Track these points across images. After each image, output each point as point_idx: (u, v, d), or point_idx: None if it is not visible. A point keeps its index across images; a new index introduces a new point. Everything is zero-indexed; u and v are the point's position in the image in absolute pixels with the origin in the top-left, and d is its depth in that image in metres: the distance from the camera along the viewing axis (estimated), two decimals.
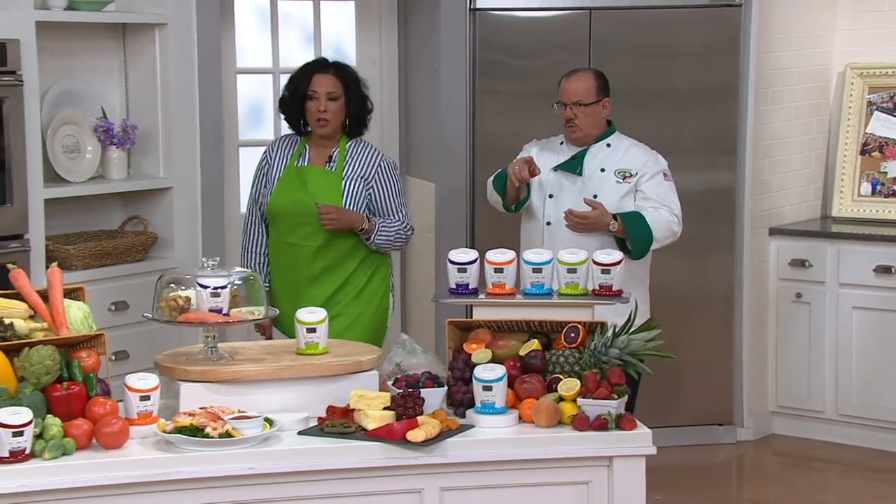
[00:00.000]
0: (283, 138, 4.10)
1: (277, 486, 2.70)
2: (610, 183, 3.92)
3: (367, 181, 3.95)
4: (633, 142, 4.04)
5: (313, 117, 3.95)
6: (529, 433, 2.85)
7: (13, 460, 2.53)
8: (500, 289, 3.19)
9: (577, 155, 3.98)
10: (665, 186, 3.94)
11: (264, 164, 4.06)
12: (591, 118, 3.95)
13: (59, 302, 2.84)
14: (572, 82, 3.98)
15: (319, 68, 4.00)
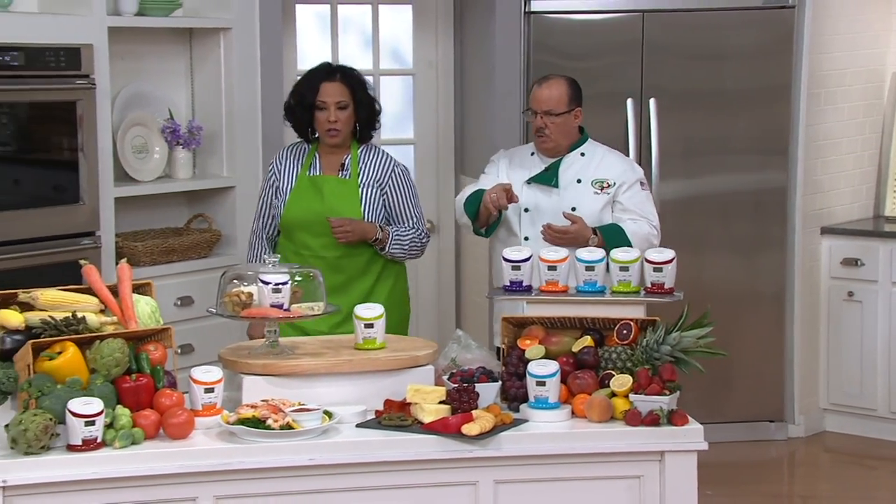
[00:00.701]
0: (290, 148, 3.89)
1: (336, 477, 2.71)
2: (588, 194, 3.72)
3: (382, 187, 3.78)
4: (607, 149, 3.85)
5: (323, 128, 3.75)
6: (582, 428, 2.84)
7: (85, 448, 2.57)
8: (553, 286, 3.19)
9: (551, 166, 3.76)
10: (642, 196, 3.76)
11: (271, 176, 3.84)
12: (561, 128, 3.72)
13: (128, 297, 2.88)
14: (544, 90, 3.73)
15: (326, 76, 3.79)
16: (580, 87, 3.79)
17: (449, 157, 5.30)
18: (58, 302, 2.82)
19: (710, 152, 5.11)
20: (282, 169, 3.83)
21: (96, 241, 4.08)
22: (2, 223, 3.84)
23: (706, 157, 5.11)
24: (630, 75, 4.99)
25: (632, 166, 3.84)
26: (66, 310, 2.80)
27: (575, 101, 3.75)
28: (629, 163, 3.87)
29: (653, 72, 5.00)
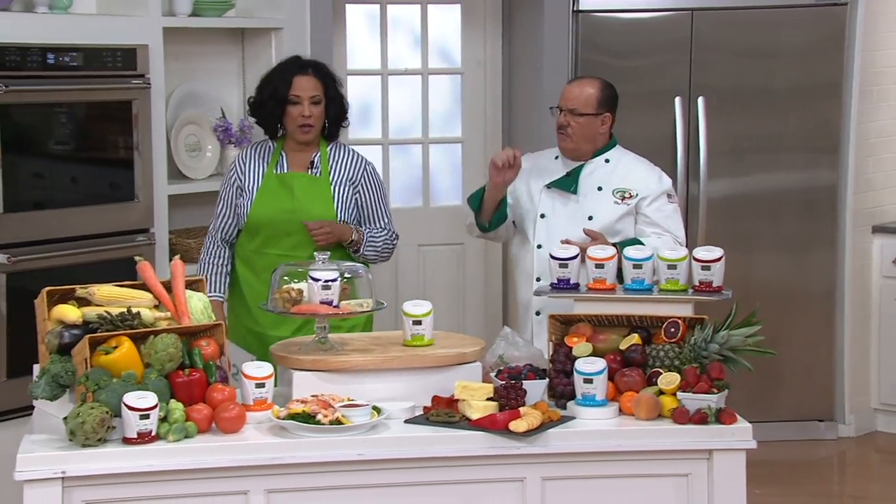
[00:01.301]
0: (253, 147, 3.73)
1: (384, 472, 2.72)
2: (607, 203, 3.54)
3: (355, 186, 3.66)
4: (636, 157, 3.66)
5: (296, 123, 3.60)
6: (630, 425, 2.83)
7: (140, 441, 2.60)
8: (600, 284, 3.18)
9: (573, 172, 3.59)
10: (669, 209, 3.56)
11: (233, 175, 3.67)
12: (584, 130, 3.55)
13: (182, 293, 2.91)
14: (574, 87, 3.61)
15: (299, 70, 3.65)
16: (615, 94, 3.62)
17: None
18: (113, 297, 2.85)
19: (759, 150, 5.06)
20: (245, 168, 3.67)
21: (150, 237, 4.13)
22: (60, 220, 3.90)
23: (755, 156, 5.06)
24: (678, 74, 4.96)
25: (659, 177, 3.63)
26: (121, 305, 2.83)
27: (605, 105, 3.57)
28: (657, 173, 3.65)
29: (701, 70, 4.97)
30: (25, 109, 3.85)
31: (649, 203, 3.56)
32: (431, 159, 5.27)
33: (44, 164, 3.98)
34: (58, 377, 2.67)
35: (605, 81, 3.65)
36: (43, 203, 3.93)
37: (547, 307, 3.43)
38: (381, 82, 5.14)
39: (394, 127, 5.20)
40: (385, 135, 5.19)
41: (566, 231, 3.49)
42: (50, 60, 3.86)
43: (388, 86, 5.16)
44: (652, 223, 3.55)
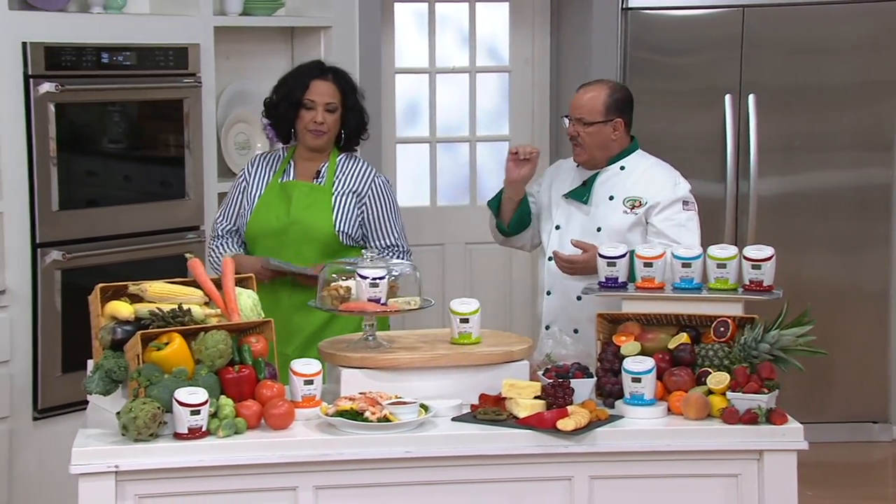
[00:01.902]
0: (263, 155, 3.62)
1: (432, 469, 2.73)
2: (617, 213, 3.38)
3: (360, 197, 3.48)
4: (655, 162, 3.48)
5: (307, 127, 3.46)
6: (678, 425, 2.81)
7: (191, 437, 2.63)
8: (649, 283, 3.15)
9: (588, 181, 3.44)
10: (681, 218, 3.36)
11: (241, 182, 3.56)
12: (595, 139, 3.38)
13: (231, 290, 2.94)
14: (580, 95, 3.42)
15: (318, 73, 3.50)
16: (628, 97, 3.46)
17: (544, 154, 5.27)
18: (165, 294, 2.88)
19: (811, 149, 4.99)
20: (252, 176, 3.55)
21: (200, 235, 4.18)
22: (113, 218, 3.96)
23: (807, 154, 5.00)
24: (729, 71, 4.91)
25: (674, 183, 3.42)
26: (172, 302, 2.86)
27: (615, 111, 3.40)
28: (672, 179, 3.43)
29: (752, 67, 4.92)
30: (80, 108, 3.91)
31: (658, 212, 3.38)
32: (479, 157, 5.27)
33: (97, 162, 4.04)
34: (111, 372, 2.70)
35: (616, 84, 3.51)
36: (96, 201, 4.00)
37: (557, 321, 3.40)
38: (428, 80, 5.16)
39: (441, 125, 5.21)
40: (433, 133, 5.21)
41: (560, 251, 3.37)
42: (104, 60, 3.92)
43: (435, 84, 5.17)
44: (658, 233, 3.35)
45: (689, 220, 3.40)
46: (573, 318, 3.41)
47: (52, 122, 3.81)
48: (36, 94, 3.76)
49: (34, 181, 3.80)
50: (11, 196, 3.76)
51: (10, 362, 3.77)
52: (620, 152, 3.46)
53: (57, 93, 3.79)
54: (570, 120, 3.43)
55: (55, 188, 3.84)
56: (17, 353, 3.79)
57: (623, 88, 3.50)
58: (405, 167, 5.19)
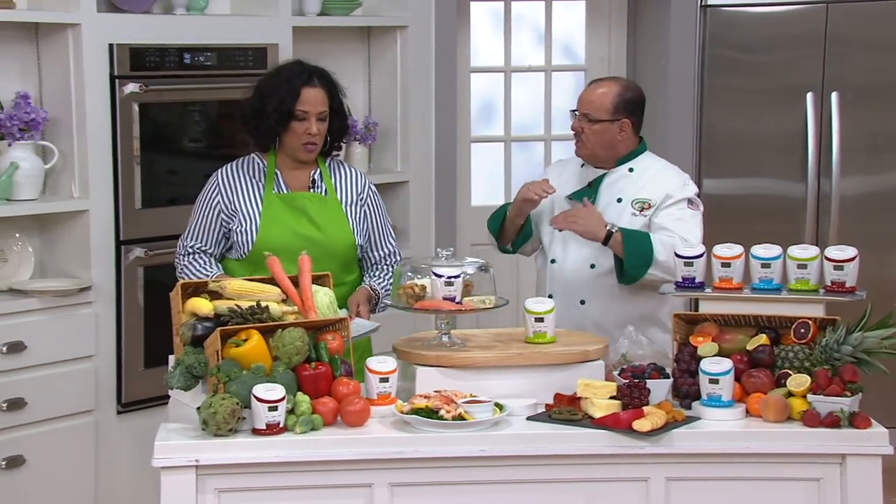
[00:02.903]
0: (237, 164, 3.32)
1: (506, 468, 2.72)
2: (625, 216, 3.30)
3: (362, 205, 3.34)
4: (665, 165, 3.40)
5: (300, 141, 3.22)
6: (757, 427, 2.77)
7: (269, 432, 2.66)
8: (727, 283, 3.11)
9: (594, 182, 3.35)
10: (685, 214, 3.28)
11: (215, 195, 3.27)
12: (599, 137, 3.30)
13: (308, 287, 2.96)
14: (589, 91, 3.34)
15: (307, 80, 3.25)
16: (639, 98, 3.35)
17: None
18: (243, 291, 2.92)
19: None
20: (233, 188, 3.27)
21: None
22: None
23: (892, 153, 4.89)
24: (811, 68, 4.82)
25: (684, 183, 3.35)
26: (250, 299, 2.90)
27: (623, 110, 3.30)
28: (682, 180, 3.37)
29: (835, 64, 4.82)
30: (162, 108, 3.99)
31: (663, 209, 3.30)
32: (553, 156, 5.25)
33: (177, 160, 4.11)
34: (191, 368, 2.75)
35: (628, 83, 3.40)
36: (177, 199, 4.06)
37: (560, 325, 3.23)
38: (503, 79, 5.15)
39: (516, 124, 5.20)
40: (507, 132, 5.20)
41: (581, 247, 3.30)
42: (186, 60, 3.98)
43: (511, 83, 5.16)
44: (659, 227, 3.27)
45: (693, 217, 3.32)
46: (577, 323, 3.32)
47: (136, 122, 3.89)
48: (121, 94, 3.85)
49: (118, 180, 3.89)
50: (97, 195, 3.85)
51: (95, 357, 3.86)
52: (628, 154, 3.37)
53: (141, 93, 3.87)
54: (577, 114, 3.35)
55: (138, 187, 3.92)
56: (102, 348, 3.88)
57: (635, 88, 3.38)
58: (479, 166, 5.19)
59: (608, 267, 3.35)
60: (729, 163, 4.61)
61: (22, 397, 3.69)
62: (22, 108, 3.74)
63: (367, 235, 3.35)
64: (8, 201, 3.72)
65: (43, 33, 3.85)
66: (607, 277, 3.35)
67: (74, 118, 3.81)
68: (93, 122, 3.81)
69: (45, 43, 3.85)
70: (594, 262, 3.37)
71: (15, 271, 3.84)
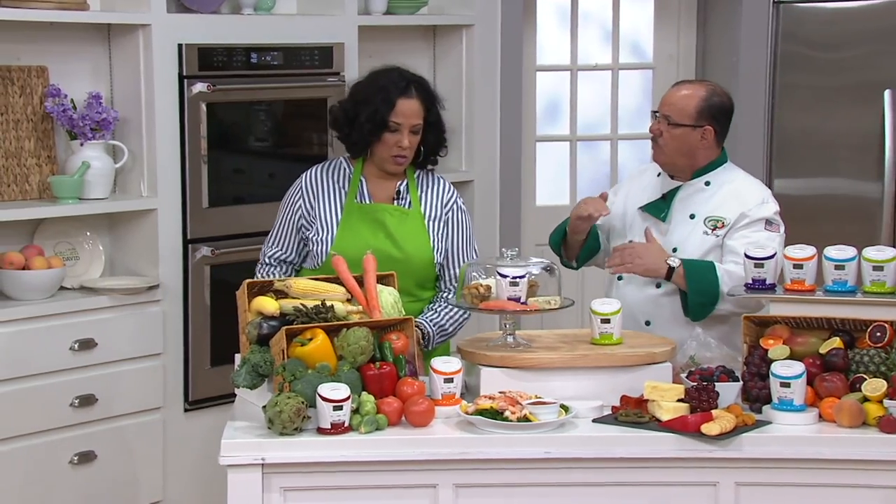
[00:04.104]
0: (324, 168, 3.26)
1: (572, 471, 2.71)
2: (697, 234, 3.13)
3: (446, 221, 3.24)
4: (744, 179, 3.20)
5: (391, 153, 3.15)
6: (830, 433, 2.72)
7: (333, 432, 2.67)
8: (799, 285, 3.06)
9: (668, 194, 3.19)
10: (760, 238, 3.08)
11: (298, 198, 3.22)
12: (677, 143, 3.12)
13: (373, 287, 2.97)
14: (673, 92, 3.18)
15: (403, 90, 3.17)
16: (727, 105, 3.19)
17: None
18: (309, 290, 2.94)
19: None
20: (317, 193, 3.21)
21: None
22: (258, 215, 4.05)
23: None
24: (888, 65, 4.71)
25: (762, 201, 3.16)
26: (316, 298, 2.92)
27: (707, 117, 3.13)
28: (760, 196, 3.17)
29: None
30: (229, 108, 4.03)
31: (737, 230, 3.12)
32: (620, 156, 5.20)
33: (244, 160, 4.15)
34: (257, 367, 2.77)
35: (716, 88, 3.21)
36: (243, 198, 4.11)
37: None
38: (570, 78, 5.12)
39: (582, 123, 5.17)
40: (573, 131, 5.17)
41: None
42: (253, 60, 4.02)
43: (577, 81, 5.13)
44: (731, 251, 3.08)
45: (770, 240, 3.09)
46: None
47: (204, 122, 3.94)
48: (189, 94, 3.89)
49: (186, 179, 3.94)
50: (166, 193, 3.90)
51: (162, 354, 3.92)
52: (707, 165, 3.20)
53: (209, 93, 3.91)
54: (658, 116, 3.18)
55: (205, 186, 3.97)
56: (170, 345, 3.93)
57: (723, 94, 3.20)
58: (545, 165, 5.17)
59: (675, 287, 3.19)
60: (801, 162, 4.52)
61: (93, 394, 3.75)
62: (94, 108, 3.80)
63: (444, 252, 3.25)
64: (80, 200, 3.79)
65: (115, 34, 3.92)
66: (674, 297, 3.20)
67: (144, 118, 3.86)
68: (161, 122, 3.86)
69: (117, 43, 3.92)
70: (660, 280, 3.21)
71: (86, 269, 3.92)
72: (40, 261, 3.68)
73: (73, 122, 3.79)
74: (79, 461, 3.75)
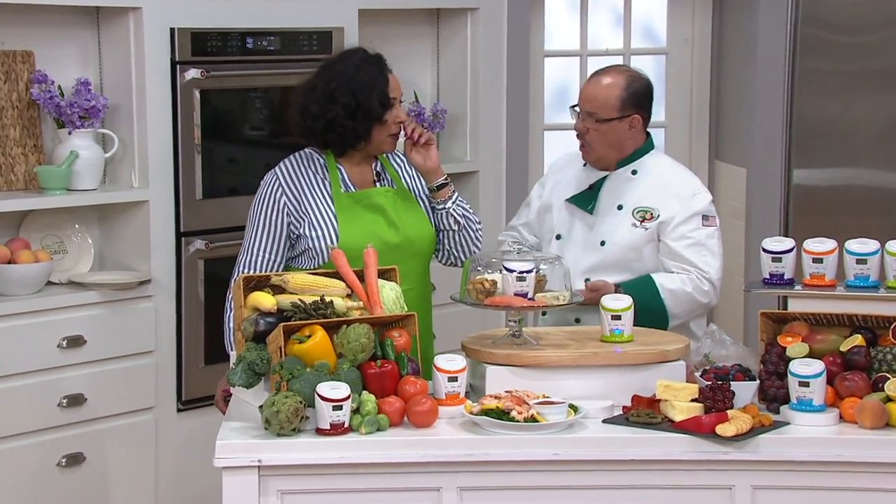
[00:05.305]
0: (296, 160, 3.19)
1: (581, 473, 2.71)
2: (624, 226, 3.15)
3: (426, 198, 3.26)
4: (673, 167, 3.22)
5: (389, 131, 3.12)
6: (852, 434, 2.72)
7: (333, 433, 2.67)
8: (818, 280, 3.07)
9: (595, 185, 3.19)
10: (700, 236, 3.13)
11: (279, 195, 3.14)
12: (606, 138, 3.13)
13: (374, 282, 2.97)
14: (592, 84, 3.14)
15: (384, 65, 3.18)
16: (648, 88, 3.18)
17: (703, 141, 5.19)
18: (307, 285, 2.94)
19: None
20: (299, 186, 3.14)
21: None
22: None
23: None
24: None
25: (693, 193, 3.17)
26: (314, 293, 2.92)
27: (632, 105, 3.13)
28: (691, 188, 3.18)
29: None
30: (223, 95, 4.04)
31: (673, 228, 3.14)
32: None
33: (239, 149, 4.16)
34: (253, 365, 2.78)
35: (634, 73, 3.19)
36: (238, 189, 4.11)
37: None
38: (579, 64, 5.12)
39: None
40: None
41: (576, 257, 3.18)
42: (249, 45, 4.03)
43: (587, 68, 5.12)
44: (673, 254, 3.12)
45: (710, 236, 3.14)
46: None
47: (197, 109, 3.94)
48: (182, 80, 3.90)
49: (179, 169, 3.94)
50: (157, 184, 3.91)
51: (154, 352, 3.93)
52: (633, 153, 3.20)
53: (202, 79, 3.92)
54: (580, 113, 3.14)
55: (199, 176, 3.97)
56: (162, 343, 3.94)
57: (642, 78, 3.19)
58: (553, 155, 5.15)
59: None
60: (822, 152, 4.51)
61: (81, 393, 3.77)
62: (82, 95, 3.81)
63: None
64: (67, 191, 3.80)
65: (104, 17, 3.92)
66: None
67: (134, 105, 3.87)
68: (153, 110, 3.87)
69: (106, 27, 3.92)
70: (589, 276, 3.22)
71: (74, 263, 3.93)
72: (27, 254, 3.70)
73: (60, 110, 3.80)
74: (67, 463, 3.77)
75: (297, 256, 3.20)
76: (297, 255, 3.20)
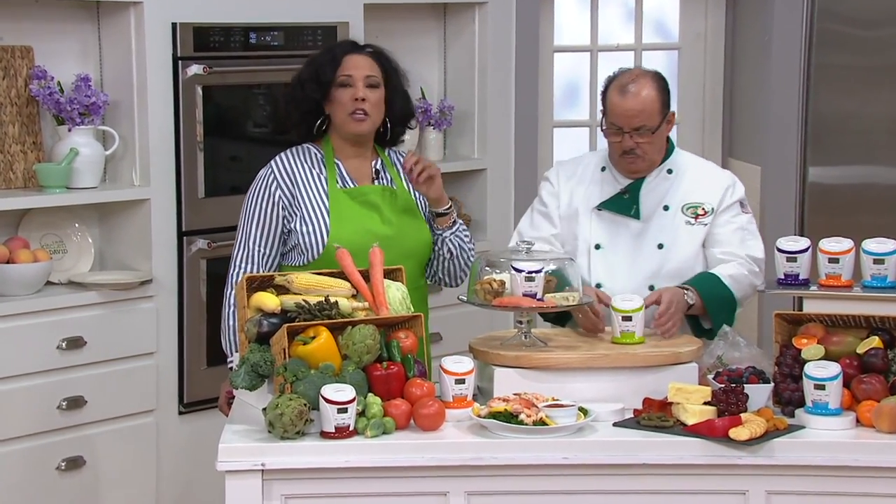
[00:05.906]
0: (293, 154, 3.15)
1: (591, 478, 2.72)
2: (678, 225, 3.15)
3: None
4: (700, 160, 3.30)
5: (346, 109, 3.03)
6: (869, 438, 2.72)
7: (338, 436, 2.68)
8: (834, 280, 3.07)
9: (630, 188, 3.17)
10: (742, 221, 3.19)
11: (274, 188, 3.09)
12: (657, 144, 3.14)
13: (380, 282, 2.97)
14: (629, 100, 3.08)
15: (351, 48, 3.12)
16: (667, 83, 3.20)
17: (716, 138, 5.19)
18: (311, 286, 2.94)
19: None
20: (294, 180, 3.10)
21: None
22: None
23: None
24: None
25: (732, 183, 3.23)
26: (319, 294, 2.92)
27: (667, 104, 3.15)
28: (728, 178, 3.25)
29: None
30: (226, 91, 4.05)
31: (718, 216, 3.19)
32: None
33: (242, 147, 4.16)
34: (257, 366, 2.78)
35: (651, 72, 3.19)
36: (240, 187, 4.09)
37: None
38: (590, 59, 5.12)
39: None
40: (593, 116, 5.16)
41: (631, 265, 3.17)
42: (252, 40, 4.03)
43: (597, 63, 5.13)
44: (719, 241, 3.16)
45: (750, 222, 3.22)
46: None
47: (199, 106, 3.95)
48: (184, 76, 3.91)
49: (180, 167, 3.95)
50: (159, 182, 3.92)
51: (156, 354, 3.94)
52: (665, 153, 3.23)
53: (205, 75, 3.92)
54: (625, 133, 3.10)
55: (201, 174, 3.98)
56: (163, 344, 3.95)
57: (657, 73, 3.20)
58: (563, 152, 5.16)
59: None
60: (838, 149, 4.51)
61: (81, 395, 3.78)
62: (82, 92, 3.82)
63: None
64: (67, 189, 3.81)
65: (104, 12, 3.93)
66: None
67: (136, 102, 3.88)
68: (154, 106, 3.88)
69: (106, 22, 3.93)
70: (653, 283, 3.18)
71: (74, 263, 3.94)
72: (25, 254, 3.71)
73: (59, 107, 3.81)
74: (66, 467, 3.78)
75: (287, 252, 3.17)
76: (288, 250, 3.17)
